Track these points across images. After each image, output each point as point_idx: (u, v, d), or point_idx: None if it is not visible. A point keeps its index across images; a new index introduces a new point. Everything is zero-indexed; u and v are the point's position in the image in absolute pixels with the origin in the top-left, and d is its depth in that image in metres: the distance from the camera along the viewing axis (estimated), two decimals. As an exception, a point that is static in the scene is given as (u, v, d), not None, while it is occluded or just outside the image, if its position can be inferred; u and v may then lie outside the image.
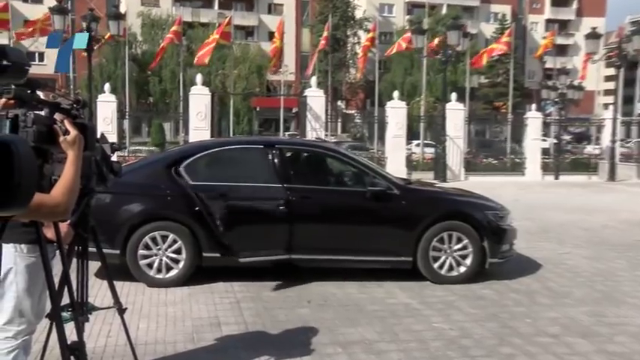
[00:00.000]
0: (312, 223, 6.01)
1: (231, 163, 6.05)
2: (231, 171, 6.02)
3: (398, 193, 6.14)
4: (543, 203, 13.45)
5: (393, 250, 6.10)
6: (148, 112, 24.93)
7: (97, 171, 2.79)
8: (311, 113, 17.59)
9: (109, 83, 19.25)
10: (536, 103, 27.13)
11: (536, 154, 20.11)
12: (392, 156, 18.22)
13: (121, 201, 5.89)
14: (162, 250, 5.85)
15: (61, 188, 1.99)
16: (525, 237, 8.26)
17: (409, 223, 6.09)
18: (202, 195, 5.80)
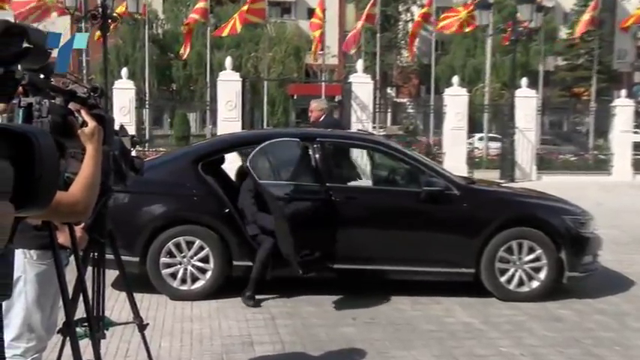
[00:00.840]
0: (357, 228, 6.01)
1: (266, 159, 6.09)
2: (265, 168, 6.07)
3: (458, 193, 6.08)
4: (634, 208, 13.04)
5: (452, 261, 6.05)
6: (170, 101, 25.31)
7: (115, 168, 2.83)
8: (356, 102, 17.54)
9: (126, 68, 19.66)
10: (626, 88, 26.22)
11: (625, 150, 19.45)
12: (450, 151, 18.01)
13: (142, 202, 6.00)
14: (188, 258, 5.93)
15: (81, 185, 2.03)
16: (612, 248, 8.04)
17: (471, 229, 6.03)
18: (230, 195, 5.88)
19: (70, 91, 2.21)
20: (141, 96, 20.44)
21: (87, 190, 2.04)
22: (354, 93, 17.57)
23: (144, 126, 20.59)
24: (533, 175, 18.58)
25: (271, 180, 5.84)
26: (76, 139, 2.11)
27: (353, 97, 17.54)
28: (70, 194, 2.00)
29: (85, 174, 2.08)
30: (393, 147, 6.75)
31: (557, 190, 7.97)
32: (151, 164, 6.26)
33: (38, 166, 1.33)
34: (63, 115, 2.08)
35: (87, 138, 2.13)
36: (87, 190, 2.04)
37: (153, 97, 25.50)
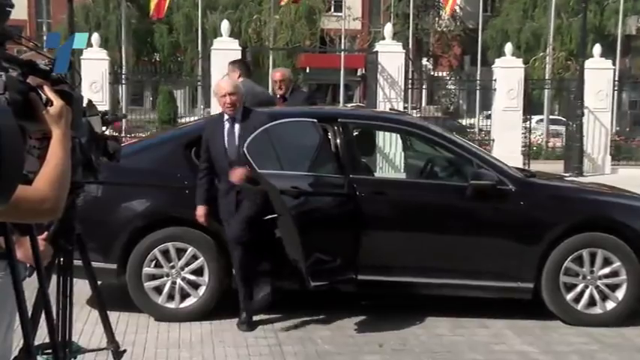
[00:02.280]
0: (386, 231, 6.02)
1: (273, 144, 6.08)
2: (272, 155, 6.06)
3: (513, 189, 6.06)
4: None
5: (504, 273, 6.04)
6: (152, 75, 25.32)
7: (82, 159, 2.83)
8: (384, 76, 17.51)
9: (97, 33, 19.72)
10: None
11: None
12: (501, 137, 17.94)
13: (119, 195, 6.03)
14: (177, 270, 5.94)
15: (48, 177, 2.03)
16: None
17: (530, 234, 6.02)
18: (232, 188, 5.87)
19: (29, 63, 2.19)
20: (116, 69, 20.49)
21: (56, 183, 2.05)
22: (381, 65, 17.54)
23: (120, 105, 20.68)
24: (607, 168, 18.47)
25: (277, 169, 5.83)
26: (39, 121, 2.10)
27: (379, 70, 17.51)
28: (36, 189, 2.00)
29: (52, 164, 2.07)
30: (432, 130, 6.72)
31: (638, 187, 7.90)
32: (131, 149, 6.31)
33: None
34: (23, 92, 2.06)
35: (53, 120, 2.13)
36: (56, 183, 2.05)
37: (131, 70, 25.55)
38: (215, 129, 5.86)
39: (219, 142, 5.77)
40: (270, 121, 5.78)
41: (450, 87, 32.89)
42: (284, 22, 35.48)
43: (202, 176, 5.82)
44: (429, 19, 45.39)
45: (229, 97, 5.68)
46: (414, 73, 24.22)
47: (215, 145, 5.78)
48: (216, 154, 5.76)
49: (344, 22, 31.97)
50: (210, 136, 5.85)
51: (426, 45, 46.67)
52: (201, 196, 5.80)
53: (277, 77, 8.20)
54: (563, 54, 33.30)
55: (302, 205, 5.72)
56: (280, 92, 8.03)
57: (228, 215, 5.75)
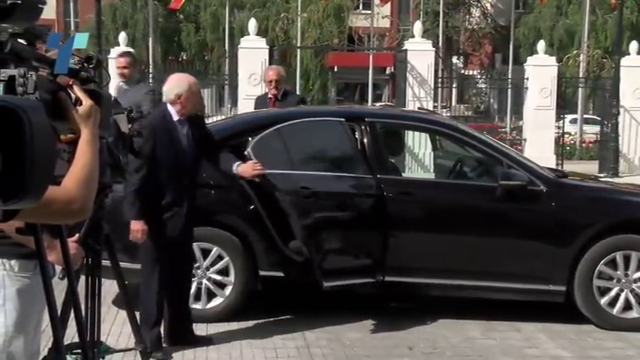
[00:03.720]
0: (414, 232, 6.02)
1: (300, 143, 6.10)
2: (299, 155, 6.08)
3: (545, 189, 6.02)
4: None
5: (536, 275, 6.02)
6: (180, 74, 25.59)
7: (110, 159, 2.86)
8: (413, 75, 17.45)
9: (124, 32, 19.87)
10: None
11: None
12: (533, 137, 17.79)
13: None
14: (203, 270, 5.97)
15: (76, 178, 2.05)
16: None
17: (562, 236, 5.99)
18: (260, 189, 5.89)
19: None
20: (143, 68, 20.62)
21: (84, 184, 2.06)
22: (410, 63, 17.48)
23: (147, 105, 20.82)
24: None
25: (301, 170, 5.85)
26: (69, 121, 2.12)
27: (409, 69, 17.45)
28: (64, 189, 2.01)
29: (80, 164, 2.08)
30: (461, 129, 6.71)
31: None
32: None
33: (29, 148, 1.34)
34: (53, 92, 2.08)
35: (82, 120, 2.14)
36: (84, 184, 2.06)
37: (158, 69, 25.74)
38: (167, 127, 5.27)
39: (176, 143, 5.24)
40: (294, 119, 5.79)
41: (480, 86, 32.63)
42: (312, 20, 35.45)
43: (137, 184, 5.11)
44: (459, 17, 45.17)
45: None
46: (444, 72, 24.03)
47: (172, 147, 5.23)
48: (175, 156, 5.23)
49: (372, 19, 31.89)
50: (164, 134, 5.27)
51: (457, 43, 46.46)
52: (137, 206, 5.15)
53: (272, 76, 7.86)
54: (598, 52, 32.95)
55: (329, 205, 5.72)
56: (274, 93, 7.79)
57: (177, 232, 5.21)
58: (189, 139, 5.24)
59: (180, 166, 5.18)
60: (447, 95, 32.58)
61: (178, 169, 5.17)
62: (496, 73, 31.74)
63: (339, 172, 6.06)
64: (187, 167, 5.24)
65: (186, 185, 5.24)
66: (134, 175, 4.97)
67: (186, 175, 5.23)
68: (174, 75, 5.61)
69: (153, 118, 5.21)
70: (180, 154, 5.18)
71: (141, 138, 3.17)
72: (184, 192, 5.21)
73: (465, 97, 39.00)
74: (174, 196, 5.17)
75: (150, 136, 4.92)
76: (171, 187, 5.18)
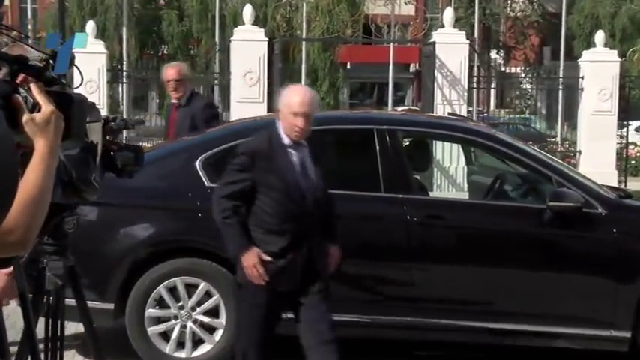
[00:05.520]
0: (442, 264, 6.04)
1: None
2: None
3: (604, 213, 6.05)
4: None
5: (592, 318, 6.03)
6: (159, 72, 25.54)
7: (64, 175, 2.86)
8: (443, 73, 17.47)
9: (93, 21, 19.97)
10: None
11: None
12: (590, 149, 17.77)
13: (117, 221, 6.11)
14: (188, 310, 6.00)
15: (20, 202, 1.96)
16: None
17: (625, 269, 6.00)
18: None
19: (19, 59, 2.22)
20: (115, 64, 20.72)
21: (29, 210, 2.00)
22: (440, 59, 17.49)
23: (120, 108, 20.90)
24: None
25: None
26: (19, 130, 2.09)
27: (437, 66, 17.47)
28: None
29: (29, 185, 2.01)
30: (501, 140, 6.73)
31: None
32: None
33: None
34: (5, 95, 2.09)
35: (38, 129, 2.11)
36: (29, 210, 2.00)
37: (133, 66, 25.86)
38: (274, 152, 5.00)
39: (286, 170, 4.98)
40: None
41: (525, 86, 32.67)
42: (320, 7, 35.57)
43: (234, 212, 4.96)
44: (499, 3, 45.29)
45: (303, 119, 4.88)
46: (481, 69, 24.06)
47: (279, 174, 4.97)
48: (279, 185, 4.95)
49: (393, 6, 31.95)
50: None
51: (496, 34, 46.51)
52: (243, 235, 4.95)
53: (170, 75, 7.81)
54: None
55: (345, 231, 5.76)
56: (176, 96, 7.77)
57: (291, 286, 4.98)
58: (305, 168, 4.99)
59: (292, 202, 4.91)
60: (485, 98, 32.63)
61: (288, 207, 4.91)
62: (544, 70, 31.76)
63: (353, 190, 6.08)
64: (303, 204, 4.93)
65: (305, 227, 4.94)
66: (222, 203, 4.93)
67: (301, 215, 4.91)
68: (297, 87, 5.49)
69: (253, 142, 5.12)
70: (290, 186, 4.91)
71: (129, 152, 3.19)
72: (300, 236, 4.92)
73: (507, 100, 39.05)
74: (285, 240, 4.91)
75: (246, 163, 4.92)
76: (280, 228, 4.93)
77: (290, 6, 34.61)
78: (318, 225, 5.01)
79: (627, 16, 40.26)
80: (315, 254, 4.97)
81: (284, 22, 34.02)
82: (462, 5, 38.28)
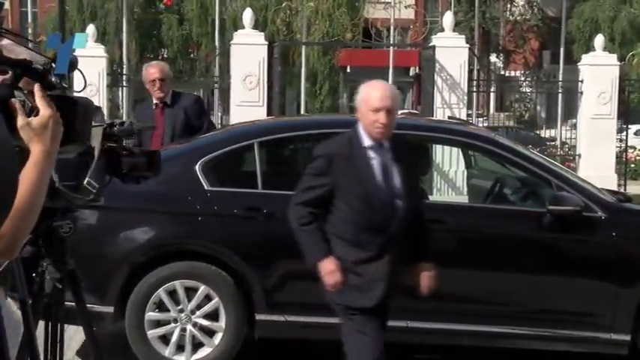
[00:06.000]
0: (442, 268, 5.98)
1: (308, 160, 6.15)
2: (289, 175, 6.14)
3: (603, 216, 6.04)
4: None
5: (592, 321, 6.03)
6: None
7: None
8: (442, 77, 17.49)
9: (93, 25, 20.01)
10: None
11: None
12: (590, 152, 17.79)
13: (117, 224, 6.11)
14: (187, 313, 6.00)
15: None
16: None
17: (625, 273, 5.99)
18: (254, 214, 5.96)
19: (23, 63, 2.20)
20: (115, 68, 20.73)
21: (20, 216, 1.96)
22: (439, 63, 17.52)
23: (120, 112, 20.91)
24: None
25: None
26: (15, 134, 2.06)
27: (437, 70, 17.50)
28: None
29: (21, 191, 1.95)
30: (500, 143, 6.73)
31: None
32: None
33: None
34: (3, 99, 2.09)
35: (34, 133, 2.08)
36: (20, 216, 1.96)
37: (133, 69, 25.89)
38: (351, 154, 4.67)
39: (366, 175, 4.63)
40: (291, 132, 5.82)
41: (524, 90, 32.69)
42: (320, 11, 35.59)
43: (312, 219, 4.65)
44: (498, 6, 45.33)
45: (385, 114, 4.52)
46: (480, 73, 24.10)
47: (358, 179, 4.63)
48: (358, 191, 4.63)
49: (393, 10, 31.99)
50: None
51: (496, 38, 46.56)
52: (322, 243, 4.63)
53: (154, 75, 7.62)
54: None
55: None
56: (160, 96, 7.61)
57: (372, 301, 4.62)
58: (388, 173, 4.63)
59: (372, 210, 4.56)
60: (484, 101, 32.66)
61: (367, 215, 4.57)
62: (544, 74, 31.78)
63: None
64: (384, 212, 4.58)
65: (390, 236, 4.58)
66: (298, 210, 4.65)
67: (382, 224, 4.57)
68: (376, 82, 4.91)
69: (331, 144, 4.81)
70: (371, 192, 4.57)
71: (140, 157, 3.19)
72: (384, 246, 4.58)
73: (506, 104, 39.03)
74: (363, 252, 4.59)
75: (324, 167, 4.59)
76: (359, 238, 4.60)
77: (290, 10, 34.64)
78: (402, 238, 4.60)
79: (627, 20, 40.31)
80: (397, 269, 4.61)
81: (284, 25, 34.07)
82: (461, 9, 38.35)
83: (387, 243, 4.56)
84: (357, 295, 4.56)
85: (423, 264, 4.81)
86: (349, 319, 4.61)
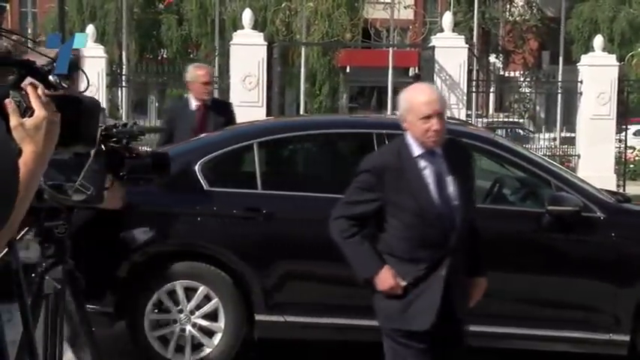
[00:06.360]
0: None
1: (307, 160, 6.17)
2: (305, 174, 6.14)
3: (602, 217, 6.05)
4: None
5: (591, 321, 6.03)
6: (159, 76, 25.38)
7: None
8: (442, 77, 17.49)
9: (92, 25, 20.00)
10: None
11: None
12: (589, 153, 17.79)
13: (115, 224, 6.08)
14: (187, 314, 6.01)
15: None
16: None
17: (624, 274, 5.99)
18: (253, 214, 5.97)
19: (26, 63, 2.19)
20: (115, 68, 20.73)
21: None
22: (439, 63, 17.53)
23: (120, 113, 20.91)
24: None
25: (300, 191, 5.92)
26: (10, 135, 2.02)
27: (437, 70, 17.50)
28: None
29: None
30: (499, 144, 6.74)
31: None
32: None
33: None
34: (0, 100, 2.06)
35: (26, 134, 2.04)
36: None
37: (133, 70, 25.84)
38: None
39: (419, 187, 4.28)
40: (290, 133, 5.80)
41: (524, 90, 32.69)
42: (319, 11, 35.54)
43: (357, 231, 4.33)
44: (498, 7, 45.31)
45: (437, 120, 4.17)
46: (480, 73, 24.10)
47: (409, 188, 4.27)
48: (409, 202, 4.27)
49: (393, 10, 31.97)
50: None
51: (495, 38, 46.54)
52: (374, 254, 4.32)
53: (205, 77, 7.82)
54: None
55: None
56: (207, 98, 7.77)
57: (424, 324, 4.26)
58: (442, 182, 4.27)
59: (427, 225, 4.22)
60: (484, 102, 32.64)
61: (422, 230, 4.23)
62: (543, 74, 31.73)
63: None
64: (440, 227, 4.23)
65: (444, 254, 4.24)
66: (341, 223, 4.34)
67: (438, 239, 4.24)
68: (419, 86, 4.64)
69: (380, 156, 4.58)
70: (425, 205, 4.22)
71: (137, 159, 3.18)
72: (438, 265, 4.24)
73: (506, 104, 39.01)
74: (419, 270, 4.23)
75: (373, 181, 4.26)
76: (413, 256, 4.26)
77: (289, 10, 34.62)
78: (459, 252, 4.28)
79: (626, 21, 40.28)
80: (454, 287, 4.28)
81: (284, 26, 34.07)
82: (460, 10, 38.28)
83: (443, 259, 4.20)
84: (410, 316, 4.22)
85: (478, 278, 4.57)
86: (397, 342, 4.29)
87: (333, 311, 5.96)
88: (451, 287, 4.23)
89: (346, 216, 4.31)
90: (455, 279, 4.26)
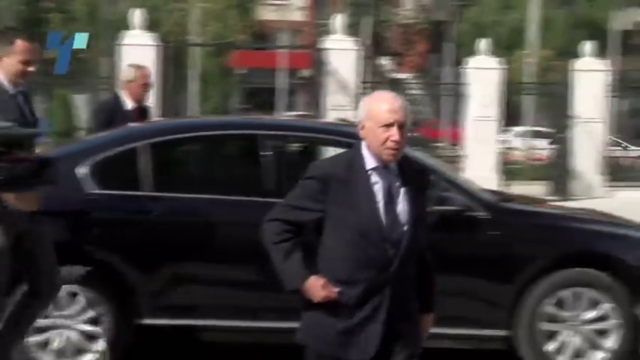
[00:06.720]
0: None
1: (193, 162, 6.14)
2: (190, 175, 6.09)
3: (486, 216, 6.16)
4: None
5: (472, 317, 6.13)
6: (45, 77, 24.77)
7: None
8: (334, 79, 17.57)
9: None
10: None
11: None
12: (474, 153, 18.11)
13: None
14: (69, 318, 5.89)
15: None
16: None
17: (504, 270, 6.11)
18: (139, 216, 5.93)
19: None
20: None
21: None
22: (331, 64, 17.59)
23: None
24: (600, 190, 18.71)
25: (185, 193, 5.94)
26: None
27: (328, 72, 17.57)
28: None
29: None
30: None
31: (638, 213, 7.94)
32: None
33: None
34: None
35: None
36: None
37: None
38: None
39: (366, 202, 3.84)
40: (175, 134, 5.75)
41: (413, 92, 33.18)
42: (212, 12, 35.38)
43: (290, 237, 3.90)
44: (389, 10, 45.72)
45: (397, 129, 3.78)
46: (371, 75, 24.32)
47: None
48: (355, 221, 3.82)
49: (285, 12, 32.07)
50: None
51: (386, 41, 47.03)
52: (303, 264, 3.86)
53: (146, 79, 7.85)
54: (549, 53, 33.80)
55: (211, 235, 5.83)
56: (143, 100, 7.82)
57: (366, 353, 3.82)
58: (392, 200, 3.84)
59: (370, 244, 3.79)
60: (374, 103, 32.88)
61: (364, 250, 3.80)
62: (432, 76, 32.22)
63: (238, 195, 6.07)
64: (384, 248, 3.78)
65: (386, 278, 3.78)
66: (275, 226, 3.90)
67: (381, 261, 3.78)
68: (381, 94, 4.06)
69: (327, 163, 4.16)
70: (370, 223, 3.79)
71: (27, 165, 3.10)
72: (379, 289, 3.79)
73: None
74: (362, 291, 3.78)
75: (318, 189, 3.83)
76: (352, 277, 3.79)
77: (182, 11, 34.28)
78: (404, 277, 3.85)
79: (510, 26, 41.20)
80: (397, 314, 3.83)
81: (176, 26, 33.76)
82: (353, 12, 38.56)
83: (384, 284, 3.77)
84: (348, 344, 3.79)
85: (427, 316, 4.12)
86: None
87: (224, 313, 5.92)
88: (394, 314, 3.80)
89: (282, 219, 3.87)
90: (401, 311, 3.84)
